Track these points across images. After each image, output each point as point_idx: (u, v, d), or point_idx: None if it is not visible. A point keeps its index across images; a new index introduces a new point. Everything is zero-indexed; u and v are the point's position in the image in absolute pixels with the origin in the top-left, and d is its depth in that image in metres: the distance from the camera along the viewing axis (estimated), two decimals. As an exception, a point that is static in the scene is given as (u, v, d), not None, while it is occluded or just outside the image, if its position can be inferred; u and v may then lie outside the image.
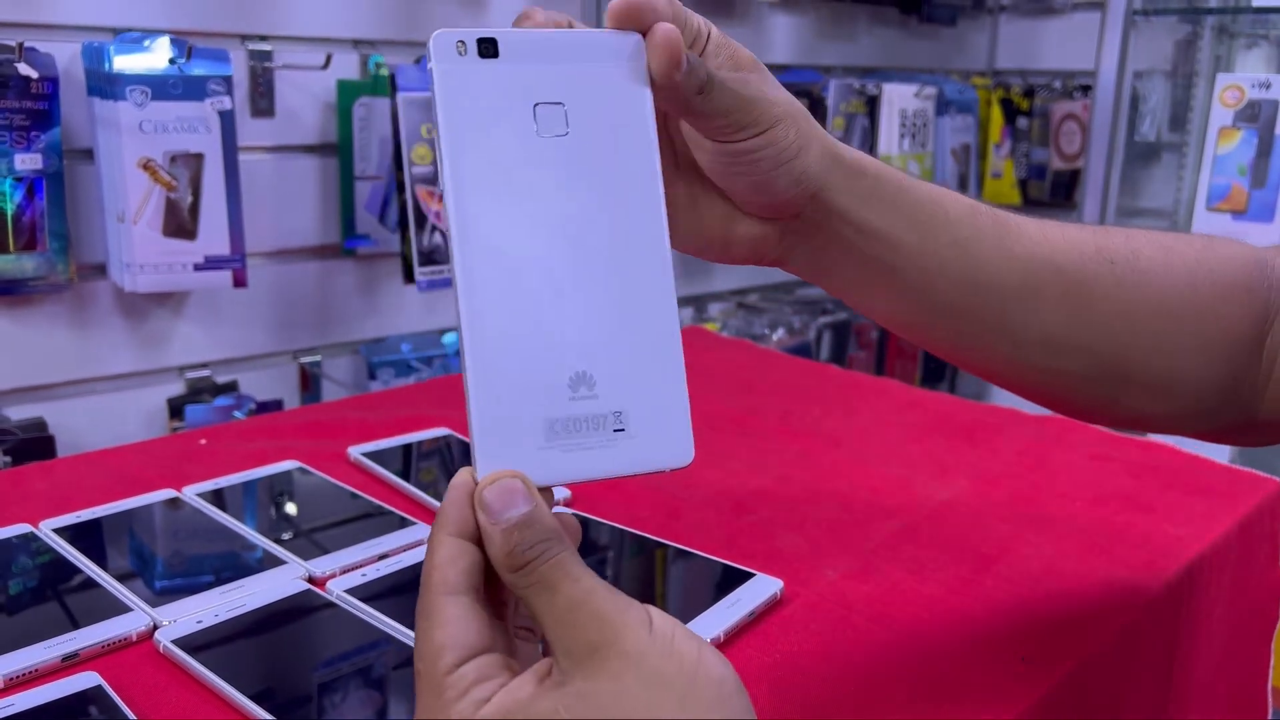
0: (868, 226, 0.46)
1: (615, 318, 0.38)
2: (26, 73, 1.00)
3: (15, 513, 0.70)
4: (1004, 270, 0.49)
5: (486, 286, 0.36)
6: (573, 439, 0.37)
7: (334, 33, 1.25)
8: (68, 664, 0.54)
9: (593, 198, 0.38)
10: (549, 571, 0.34)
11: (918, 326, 0.51)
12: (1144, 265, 0.51)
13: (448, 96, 0.36)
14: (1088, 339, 0.50)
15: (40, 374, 1.12)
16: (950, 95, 1.79)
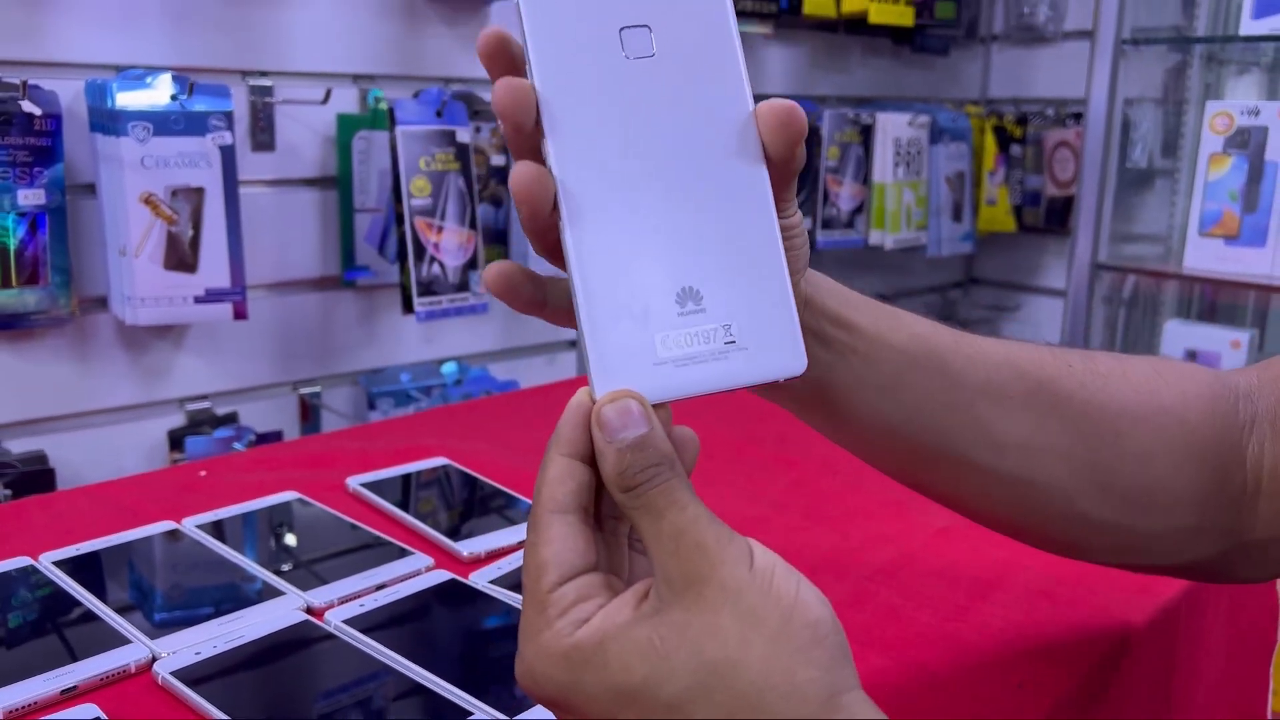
0: (838, 316, 0.47)
1: (716, 232, 0.38)
2: (30, 110, 1.02)
3: (15, 545, 0.70)
4: (967, 369, 0.49)
5: (588, 211, 0.37)
6: (684, 352, 0.37)
7: (333, 68, 1.26)
8: (67, 697, 0.54)
9: (684, 116, 0.38)
10: (657, 497, 0.35)
11: (898, 438, 0.50)
12: (1102, 370, 0.51)
13: (535, 26, 0.37)
14: (1063, 443, 0.50)
15: (41, 407, 1.13)
16: (944, 124, 1.81)
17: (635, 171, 0.38)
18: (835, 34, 1.81)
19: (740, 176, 0.38)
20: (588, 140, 0.37)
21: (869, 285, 2.01)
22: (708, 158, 0.38)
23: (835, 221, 1.73)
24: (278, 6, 1.21)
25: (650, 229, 0.38)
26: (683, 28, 0.38)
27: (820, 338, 0.48)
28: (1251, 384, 0.54)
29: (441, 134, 1.21)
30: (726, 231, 0.38)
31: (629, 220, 0.37)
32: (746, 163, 0.39)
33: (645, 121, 0.38)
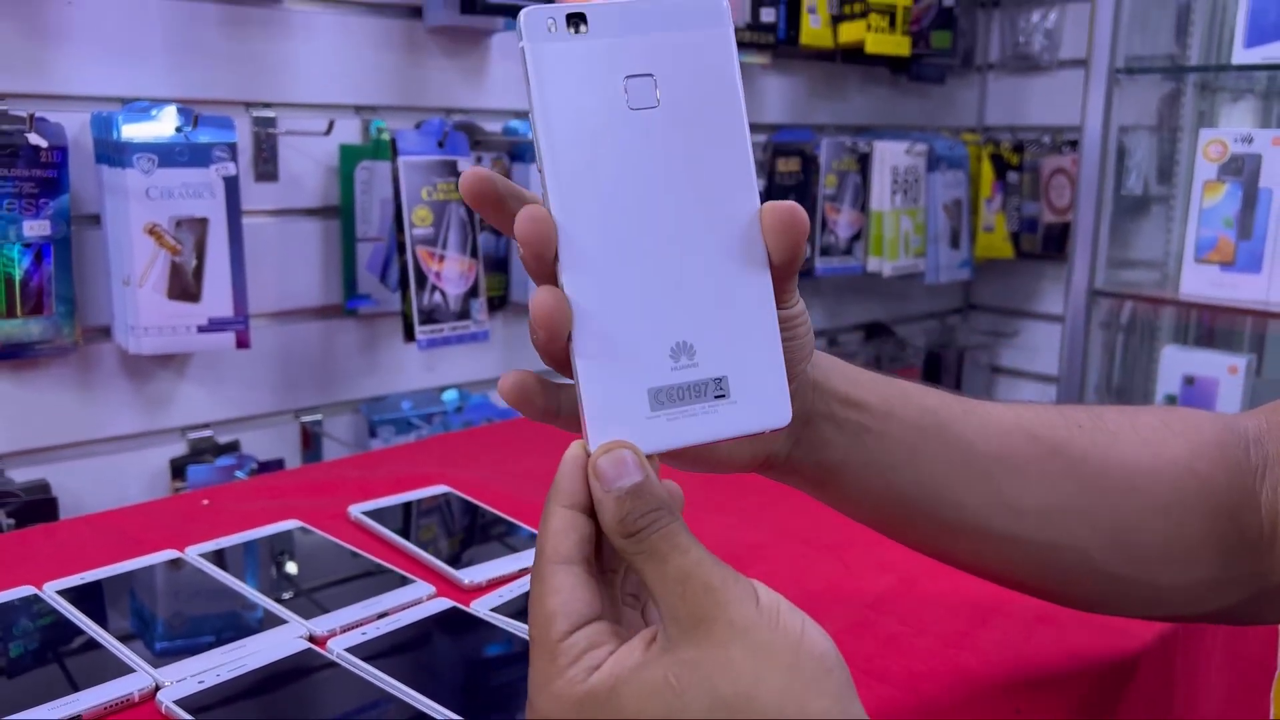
0: (847, 397, 0.48)
1: (711, 287, 0.38)
2: (36, 142, 1.03)
3: (19, 575, 0.71)
4: (980, 439, 0.50)
5: (587, 262, 0.37)
6: (677, 406, 0.38)
7: (336, 99, 1.28)
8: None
9: (685, 168, 0.38)
10: (659, 542, 0.36)
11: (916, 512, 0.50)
12: (1111, 427, 0.52)
13: (540, 75, 0.37)
14: (1081, 504, 0.50)
15: (44, 436, 1.13)
16: (941, 151, 1.83)
17: (635, 224, 0.38)
18: (833, 63, 1.83)
19: (736, 231, 0.39)
20: (588, 191, 0.38)
21: (868, 312, 2.02)
22: (706, 211, 0.39)
23: (834, 249, 1.74)
24: (281, 39, 1.22)
25: (647, 282, 0.38)
26: (687, 77, 0.39)
27: (832, 420, 0.48)
28: (1260, 428, 0.54)
29: (443, 164, 1.22)
30: (721, 286, 0.39)
31: (626, 274, 0.38)
32: (743, 216, 0.39)
33: (646, 175, 0.38)
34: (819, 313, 1.94)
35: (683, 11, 0.39)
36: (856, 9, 1.67)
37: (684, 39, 0.39)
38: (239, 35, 1.19)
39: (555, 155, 0.38)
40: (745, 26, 1.55)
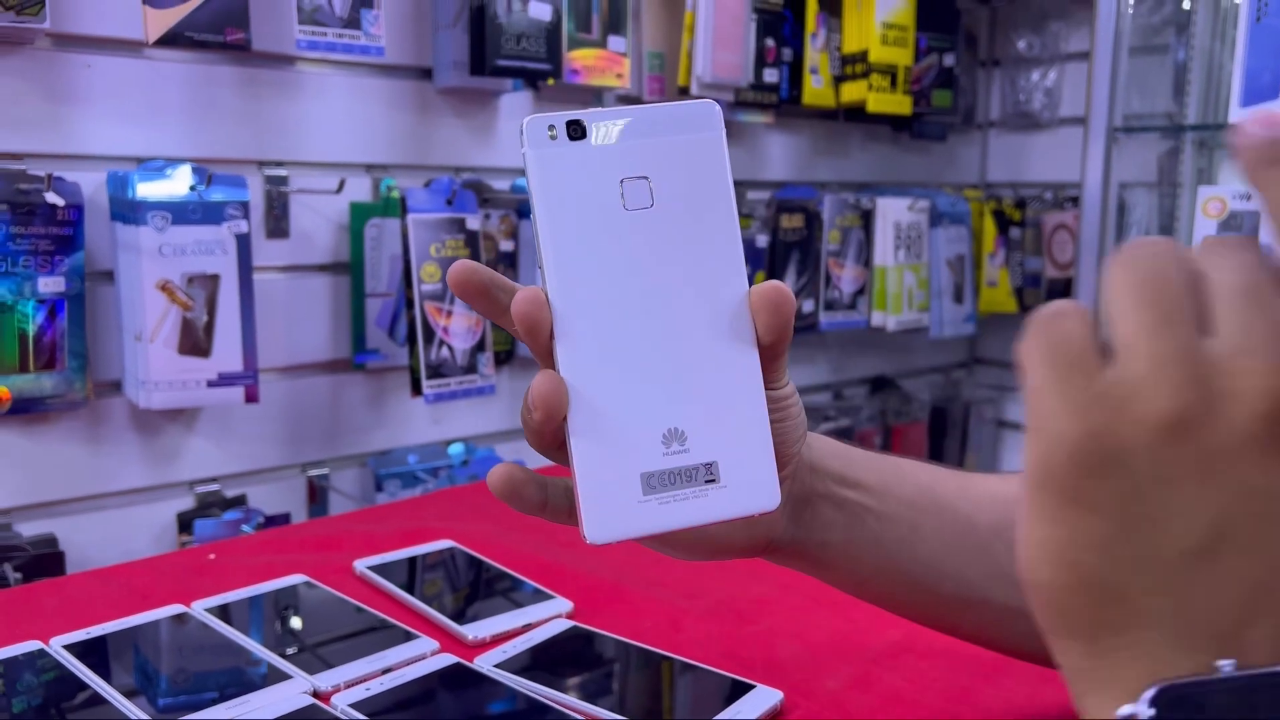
0: (845, 477, 0.49)
1: (702, 373, 0.40)
2: (54, 201, 1.05)
3: (26, 630, 0.71)
4: (977, 512, 0.51)
5: (582, 354, 0.39)
6: (668, 491, 0.39)
7: (347, 158, 1.30)
8: (74, 782, 0.55)
9: (678, 264, 0.40)
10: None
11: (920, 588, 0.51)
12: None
13: (540, 178, 0.40)
14: None
15: (53, 490, 1.14)
16: (943, 208, 1.85)
17: (629, 318, 0.40)
18: (835, 122, 1.86)
19: (726, 322, 0.41)
20: (585, 282, 0.40)
21: (873, 366, 2.02)
22: (697, 305, 0.41)
23: (837, 303, 1.75)
24: (294, 99, 1.25)
25: (640, 372, 0.40)
26: (681, 178, 0.41)
27: (831, 500, 0.49)
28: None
29: (451, 221, 1.24)
30: (710, 373, 0.41)
31: (620, 361, 0.40)
32: (733, 309, 0.41)
33: (641, 270, 0.40)
34: (824, 367, 1.95)
35: (677, 118, 0.41)
36: (858, 69, 1.70)
37: (677, 143, 0.41)
38: (253, 95, 1.22)
39: (554, 250, 0.40)
40: (749, 86, 1.58)
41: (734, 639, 0.73)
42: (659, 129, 0.41)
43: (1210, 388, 0.27)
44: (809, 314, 1.73)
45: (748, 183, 1.74)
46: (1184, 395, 0.27)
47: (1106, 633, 0.29)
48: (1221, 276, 0.28)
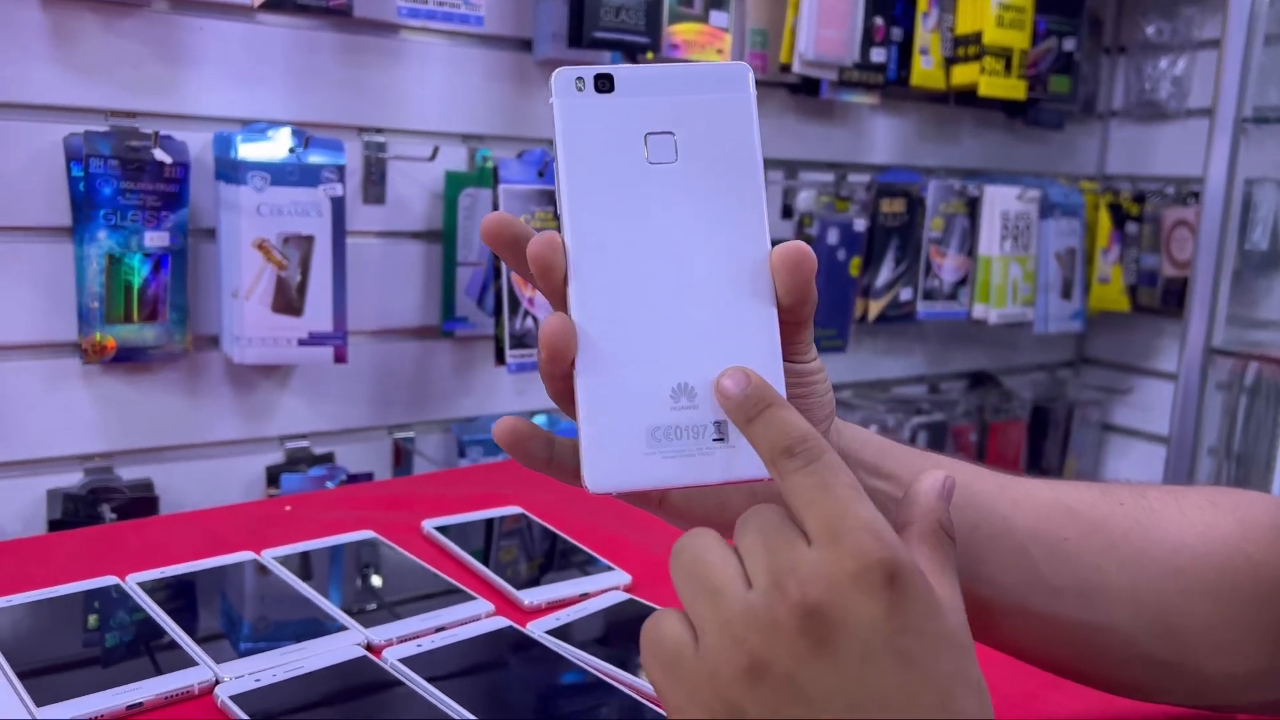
0: (876, 467, 0.48)
1: (717, 334, 0.39)
2: (161, 158, 1.09)
3: (107, 565, 0.74)
4: (1015, 514, 0.48)
5: (596, 301, 0.38)
6: (672, 445, 0.38)
7: (445, 127, 1.32)
8: (132, 712, 0.57)
9: (699, 220, 0.40)
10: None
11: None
12: (1154, 505, 0.50)
13: (565, 128, 0.39)
14: (1123, 583, 0.48)
15: (152, 437, 1.18)
16: (1055, 199, 1.77)
17: (645, 270, 0.39)
18: (944, 105, 1.80)
19: (746, 281, 0.40)
20: (603, 237, 0.39)
21: (973, 360, 1.96)
22: (716, 261, 0.40)
23: (937, 293, 1.70)
24: (395, 67, 1.27)
25: (653, 324, 0.39)
26: (707, 136, 0.40)
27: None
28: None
29: (542, 193, 1.25)
30: (727, 333, 0.39)
31: (634, 314, 0.39)
32: (753, 268, 0.40)
33: (660, 223, 0.39)
34: (921, 359, 1.90)
35: (708, 77, 0.41)
36: (970, 51, 1.64)
37: (706, 101, 0.40)
38: (355, 62, 1.24)
39: (573, 197, 0.39)
40: (854, 66, 1.54)
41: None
42: (688, 87, 0.40)
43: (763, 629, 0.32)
44: (906, 302, 1.69)
45: (848, 165, 1.70)
46: (746, 645, 0.32)
47: None
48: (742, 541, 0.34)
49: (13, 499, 1.12)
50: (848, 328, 1.64)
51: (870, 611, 0.31)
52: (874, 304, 1.67)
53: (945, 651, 0.32)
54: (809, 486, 0.34)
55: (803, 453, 0.35)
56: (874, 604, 0.31)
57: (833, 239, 1.59)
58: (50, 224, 1.09)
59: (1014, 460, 1.98)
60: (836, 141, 1.69)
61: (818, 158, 1.67)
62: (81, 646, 0.63)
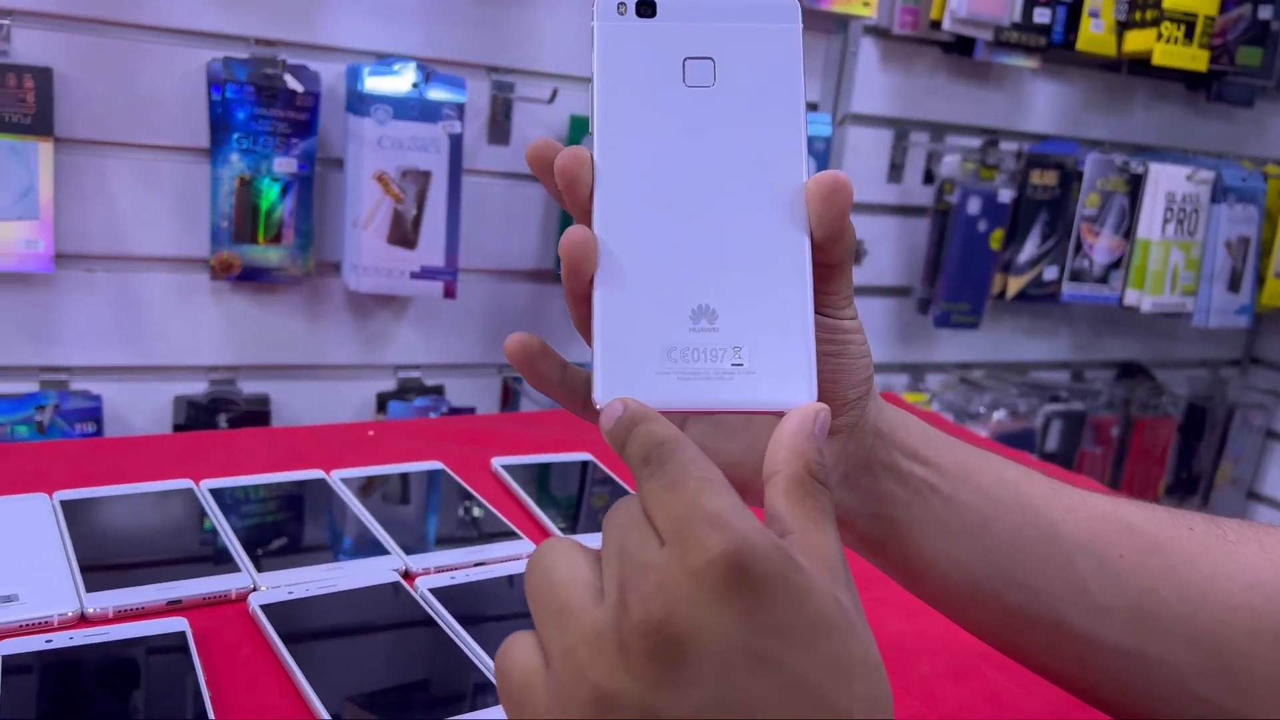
0: (915, 451, 0.45)
1: (744, 258, 0.38)
2: (293, 86, 1.13)
3: (191, 469, 0.78)
4: (1065, 520, 0.44)
5: (619, 218, 0.38)
6: (689, 366, 0.37)
7: (573, 71, 1.31)
8: (171, 607, 0.60)
9: (733, 145, 0.39)
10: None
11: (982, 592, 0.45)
12: (1231, 537, 0.44)
13: (604, 49, 0.39)
14: (1180, 613, 0.43)
15: (272, 355, 1.24)
16: (1230, 182, 1.63)
17: (673, 191, 0.38)
18: (1115, 73, 1.68)
19: (779, 210, 0.38)
20: (632, 154, 0.38)
21: (1124, 349, 1.84)
22: (749, 187, 0.38)
23: (1085, 274, 1.60)
24: (526, 7, 1.27)
25: (677, 244, 0.38)
26: (747, 64, 0.39)
27: (895, 472, 0.45)
28: None
29: (660, 141, 1.23)
30: (755, 260, 0.38)
31: (658, 233, 0.38)
32: (788, 198, 0.38)
33: (692, 146, 0.38)
34: (1065, 343, 1.79)
35: (754, 7, 0.40)
36: (1148, 15, 1.52)
37: (749, 29, 0.39)
38: (490, 2, 1.25)
39: (606, 116, 0.38)
40: (1012, 26, 1.45)
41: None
42: (733, 15, 0.39)
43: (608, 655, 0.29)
44: (1050, 282, 1.59)
45: (1000, 130, 1.61)
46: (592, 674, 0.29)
47: None
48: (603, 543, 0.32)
49: (144, 401, 1.20)
50: (983, 303, 1.56)
51: (721, 620, 0.28)
52: (1014, 281, 1.58)
53: (817, 640, 0.29)
54: (659, 489, 0.31)
55: (656, 457, 0.32)
56: (724, 609, 0.28)
57: (974, 208, 1.51)
58: (190, 144, 1.15)
59: (1160, 459, 1.85)
60: (989, 105, 1.60)
61: (967, 121, 1.59)
62: (142, 542, 0.67)
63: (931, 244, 1.55)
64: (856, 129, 1.51)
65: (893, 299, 1.62)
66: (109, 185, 1.14)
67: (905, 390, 1.65)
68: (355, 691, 0.54)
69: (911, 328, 1.64)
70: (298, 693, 0.54)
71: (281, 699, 0.54)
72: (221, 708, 0.52)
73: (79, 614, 0.58)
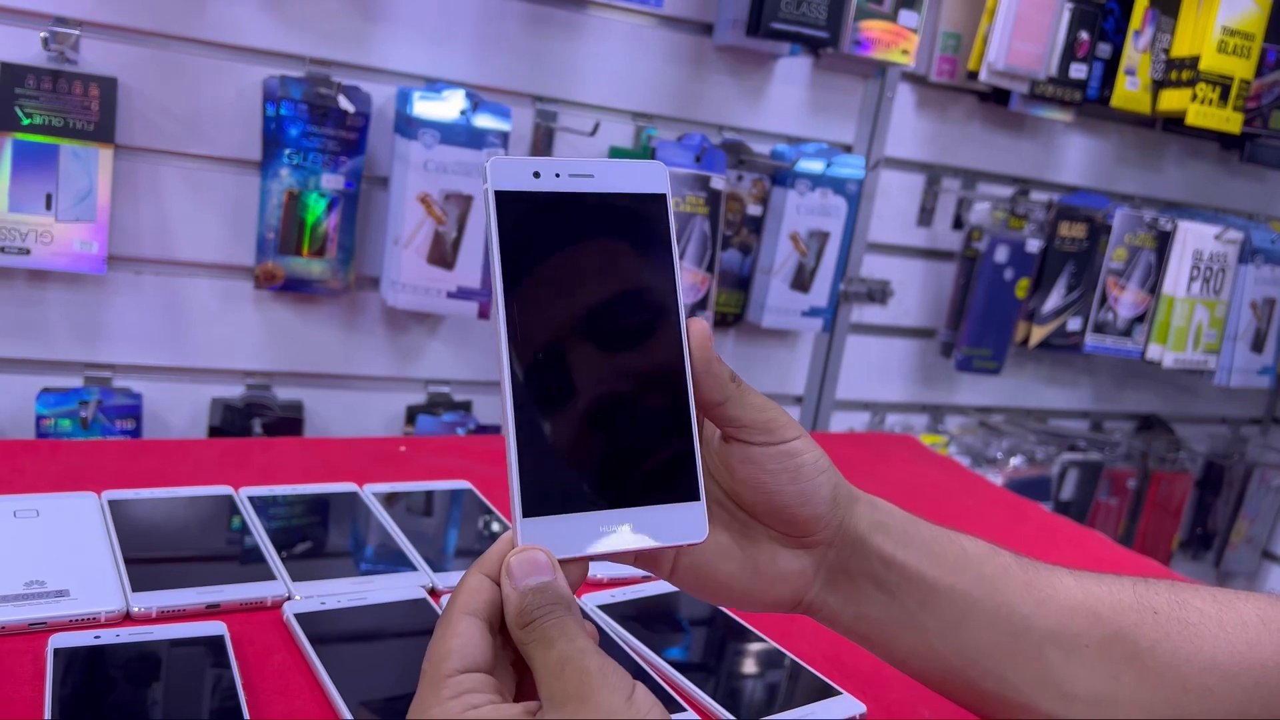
0: (892, 559, 0.48)
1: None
2: (345, 106, 1.17)
3: (227, 477, 0.81)
4: (1036, 613, 0.47)
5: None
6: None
7: (616, 103, 1.34)
8: (210, 611, 0.63)
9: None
10: (550, 628, 0.38)
11: (957, 679, 0.49)
12: (1193, 618, 0.47)
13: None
14: (1140, 697, 0.46)
15: (308, 363, 1.28)
16: (1259, 243, 1.64)
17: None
18: (1149, 130, 1.69)
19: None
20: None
21: (1143, 403, 1.85)
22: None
23: (1109, 327, 1.61)
24: (575, 41, 1.30)
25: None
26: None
27: (873, 579, 0.48)
28: None
29: (696, 178, 1.26)
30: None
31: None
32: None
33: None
34: (1085, 393, 1.80)
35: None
36: (1184, 76, 1.54)
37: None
38: (539, 33, 1.28)
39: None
40: (1048, 80, 1.47)
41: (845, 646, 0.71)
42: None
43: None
44: (1074, 332, 1.61)
45: (1031, 180, 1.63)
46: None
47: None
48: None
49: (182, 402, 1.24)
50: (1006, 350, 1.58)
51: None
52: (1037, 329, 1.60)
53: None
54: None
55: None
56: None
57: (1001, 256, 1.53)
58: (242, 156, 1.19)
59: (1175, 514, 1.86)
60: (1022, 156, 1.62)
61: (999, 170, 1.61)
62: (185, 545, 0.70)
63: (957, 289, 1.58)
64: (889, 172, 1.54)
65: (916, 340, 1.64)
66: (162, 192, 1.18)
67: (924, 431, 1.67)
68: (381, 699, 0.56)
69: (933, 370, 1.66)
70: (326, 698, 0.57)
71: (311, 703, 0.56)
72: (256, 708, 0.55)
73: (124, 612, 0.61)
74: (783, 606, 0.49)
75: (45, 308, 1.15)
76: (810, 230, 1.39)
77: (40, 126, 1.07)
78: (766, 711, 0.60)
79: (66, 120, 1.08)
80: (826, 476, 0.46)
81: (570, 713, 0.36)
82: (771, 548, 0.48)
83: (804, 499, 0.46)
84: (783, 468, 0.45)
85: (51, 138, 1.08)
